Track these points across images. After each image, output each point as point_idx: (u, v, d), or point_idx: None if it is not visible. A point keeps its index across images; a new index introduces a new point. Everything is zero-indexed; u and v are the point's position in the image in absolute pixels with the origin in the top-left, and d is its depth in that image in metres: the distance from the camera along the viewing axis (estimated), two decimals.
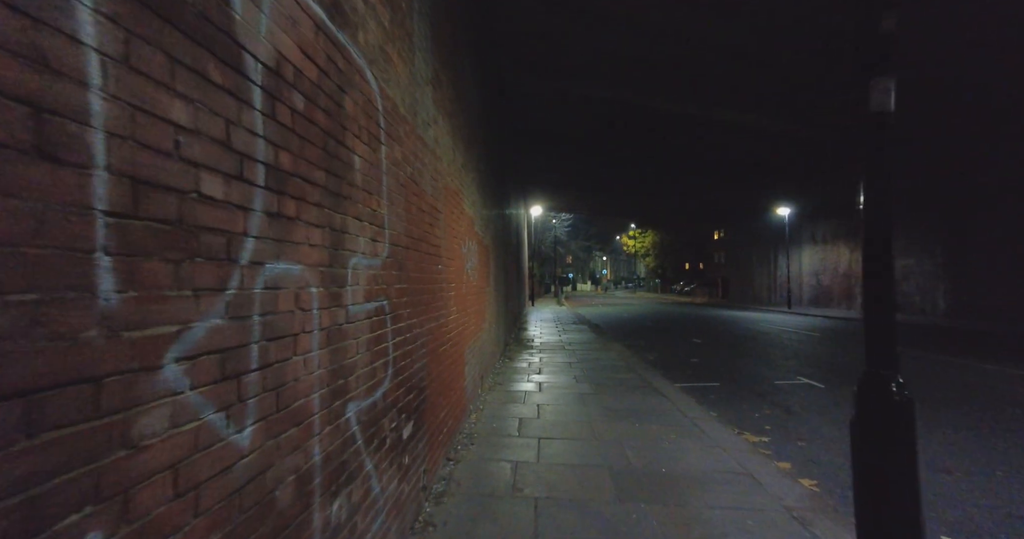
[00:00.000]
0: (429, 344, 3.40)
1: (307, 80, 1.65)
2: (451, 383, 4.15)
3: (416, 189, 3.10)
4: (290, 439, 1.48)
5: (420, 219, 3.19)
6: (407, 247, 2.86)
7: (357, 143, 2.09)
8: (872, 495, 1.79)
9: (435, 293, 3.63)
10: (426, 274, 3.34)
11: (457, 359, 4.49)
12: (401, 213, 2.75)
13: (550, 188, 28.48)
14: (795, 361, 9.70)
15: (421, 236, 3.20)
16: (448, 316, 4.12)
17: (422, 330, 3.20)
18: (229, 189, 1.20)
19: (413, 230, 3.00)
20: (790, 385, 7.45)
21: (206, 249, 1.11)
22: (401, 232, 2.74)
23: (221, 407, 1.14)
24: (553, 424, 4.92)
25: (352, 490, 1.95)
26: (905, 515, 1.77)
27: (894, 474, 1.74)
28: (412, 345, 2.94)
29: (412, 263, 2.97)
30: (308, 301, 1.62)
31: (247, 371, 1.26)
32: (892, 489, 1.74)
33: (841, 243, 26.24)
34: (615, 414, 5.30)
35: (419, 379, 3.09)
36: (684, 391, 6.81)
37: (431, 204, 3.53)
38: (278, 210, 1.44)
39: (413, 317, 2.97)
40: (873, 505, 1.77)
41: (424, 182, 3.33)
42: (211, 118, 1.13)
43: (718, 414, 5.79)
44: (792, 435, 5.09)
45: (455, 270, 4.48)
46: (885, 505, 1.74)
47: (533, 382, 6.95)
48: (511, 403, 5.75)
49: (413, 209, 3.02)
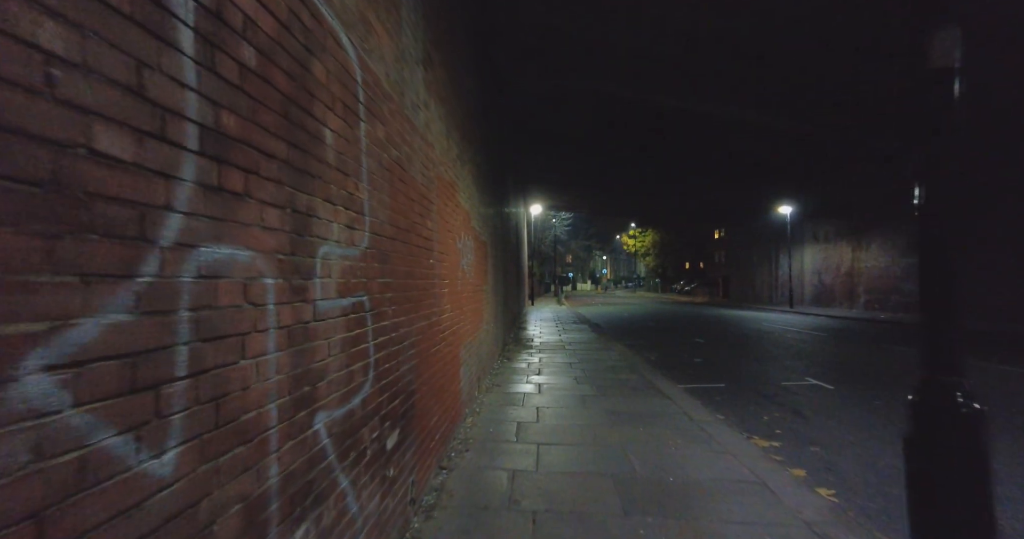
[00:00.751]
0: (419, 344, 3.14)
1: (262, 33, 1.39)
2: (445, 386, 3.90)
3: (403, 175, 2.84)
4: (236, 460, 1.22)
5: (408, 208, 2.93)
6: (392, 238, 2.61)
7: (329, 115, 1.83)
8: (935, 527, 1.52)
9: (426, 289, 3.37)
10: (416, 268, 3.08)
11: (451, 360, 4.24)
12: (385, 200, 2.49)
13: (550, 187, 28.24)
14: (801, 361, 9.45)
15: (409, 227, 2.95)
16: (441, 314, 3.86)
17: (410, 329, 2.94)
18: (142, 150, 0.95)
19: (399, 219, 2.74)
20: (798, 386, 7.20)
21: (104, 223, 0.86)
22: (384, 221, 2.48)
23: (126, 427, 0.88)
24: (553, 428, 4.66)
25: (322, 513, 1.69)
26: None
27: (962, 501, 1.48)
28: (398, 346, 2.68)
29: (398, 256, 2.71)
30: (262, 294, 1.36)
31: (170, 380, 1.01)
32: (959, 518, 1.48)
33: (843, 242, 25.98)
34: (618, 417, 5.05)
35: (407, 383, 2.83)
36: (688, 393, 6.56)
37: (421, 193, 3.27)
38: (218, 183, 1.19)
39: (399, 315, 2.71)
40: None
41: (413, 169, 3.07)
42: (110, 54, 0.87)
43: (725, 417, 5.54)
44: (804, 439, 4.84)
45: (449, 266, 4.22)
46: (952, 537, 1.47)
47: (532, 384, 6.70)
48: (509, 406, 5.49)
49: (400, 197, 2.76)
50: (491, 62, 10.24)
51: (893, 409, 5.89)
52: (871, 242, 24.03)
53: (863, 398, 6.44)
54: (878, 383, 7.39)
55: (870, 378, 7.77)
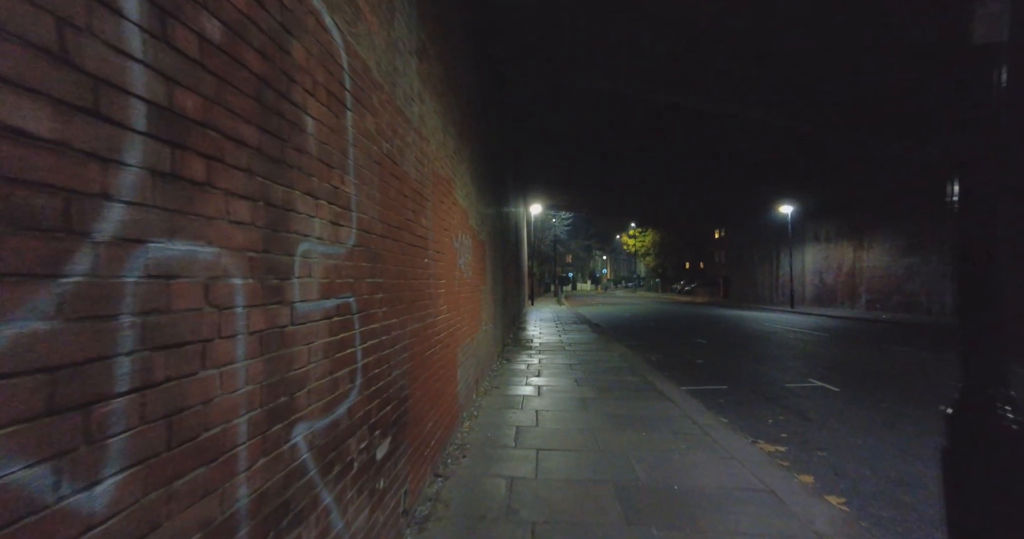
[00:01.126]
0: (413, 347, 3.00)
1: (229, 5, 1.25)
2: (441, 390, 3.75)
3: (396, 169, 2.70)
4: (195, 483, 1.08)
5: (401, 204, 2.79)
6: (383, 235, 2.46)
7: (310, 101, 1.69)
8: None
9: (420, 290, 3.23)
10: (409, 268, 2.94)
11: (448, 363, 4.09)
12: (375, 195, 2.35)
13: (550, 186, 28.10)
14: (804, 362, 9.31)
15: (402, 224, 2.80)
16: (437, 316, 3.72)
17: (403, 332, 2.80)
18: (67, 126, 0.80)
19: (391, 216, 2.60)
20: (802, 388, 7.07)
21: (14, 212, 0.72)
22: (375, 217, 2.34)
23: (41, 457, 0.74)
24: (553, 433, 4.52)
25: (301, 533, 1.55)
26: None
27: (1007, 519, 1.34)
28: (390, 350, 2.54)
29: (390, 254, 2.57)
30: (228, 296, 1.22)
31: (106, 397, 0.86)
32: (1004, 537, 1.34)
33: (844, 242, 25.84)
34: (620, 421, 4.91)
35: (399, 388, 2.69)
36: (691, 395, 6.42)
37: (416, 189, 3.13)
38: (173, 169, 1.04)
39: (391, 317, 2.57)
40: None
41: (406, 163, 2.93)
42: (8, 3, 0.73)
43: (729, 420, 5.40)
44: (811, 444, 4.71)
45: (446, 265, 4.08)
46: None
47: (532, 385, 6.56)
48: (508, 409, 5.35)
49: (392, 192, 2.62)
50: (490, 60, 10.10)
51: (900, 412, 5.75)
52: (872, 242, 23.90)
53: (869, 400, 6.30)
54: (884, 385, 7.26)
55: (875, 379, 7.63)
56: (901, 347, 11.49)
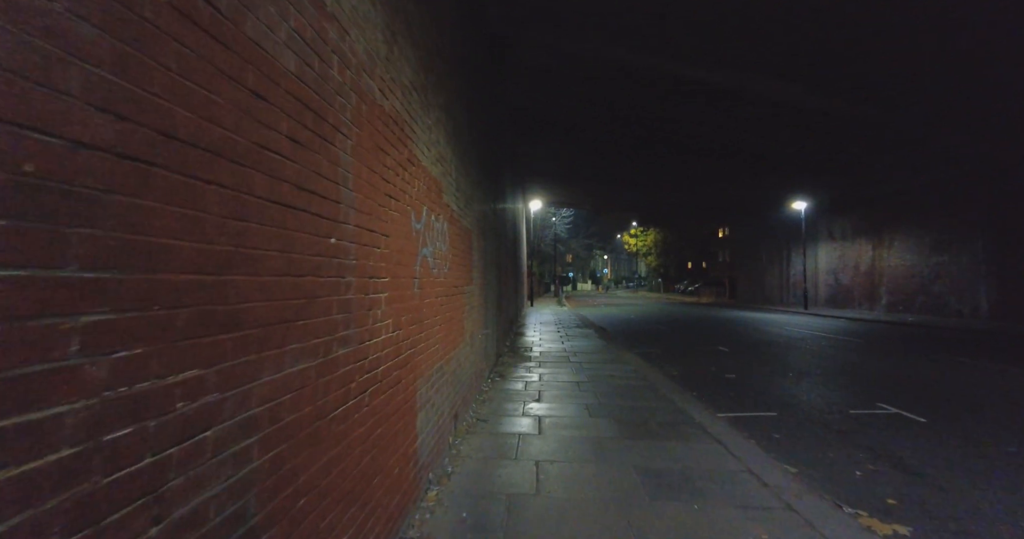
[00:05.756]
0: (281, 416, 1.50)
1: None
2: (372, 466, 2.26)
3: (220, 31, 1.21)
4: None
5: (244, 112, 1.30)
6: (165, 166, 0.97)
7: None
8: None
9: (318, 294, 1.74)
10: (269, 250, 1.45)
11: (396, 412, 2.60)
12: (134, 63, 0.86)
13: (550, 181, 26.67)
14: (856, 378, 7.81)
15: (245, 155, 1.31)
16: (369, 340, 2.22)
17: (242, 393, 1.30)
18: None
19: (201, 129, 1.11)
20: (872, 416, 5.57)
21: None
22: (129, 116, 0.85)
23: None
24: (563, 509, 3.02)
25: None
26: None
27: None
28: (169, 450, 1.05)
29: (189, 221, 1.08)
30: None
31: None
32: None
33: (862, 239, 24.32)
34: (657, 483, 3.41)
35: (221, 515, 1.20)
36: (734, 426, 4.94)
37: (301, 100, 1.64)
38: None
39: (190, 364, 1.08)
40: None
41: (268, 40, 1.44)
42: None
43: (798, 471, 3.92)
44: (936, 515, 3.23)
45: (392, 254, 2.59)
46: None
47: (530, 416, 5.06)
48: (497, 460, 3.85)
49: (202, 72, 1.12)
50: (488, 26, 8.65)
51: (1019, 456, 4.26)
52: (894, 239, 22.38)
53: (971, 437, 4.81)
54: (973, 411, 5.76)
55: (958, 404, 6.13)
56: (957, 357, 9.99)
